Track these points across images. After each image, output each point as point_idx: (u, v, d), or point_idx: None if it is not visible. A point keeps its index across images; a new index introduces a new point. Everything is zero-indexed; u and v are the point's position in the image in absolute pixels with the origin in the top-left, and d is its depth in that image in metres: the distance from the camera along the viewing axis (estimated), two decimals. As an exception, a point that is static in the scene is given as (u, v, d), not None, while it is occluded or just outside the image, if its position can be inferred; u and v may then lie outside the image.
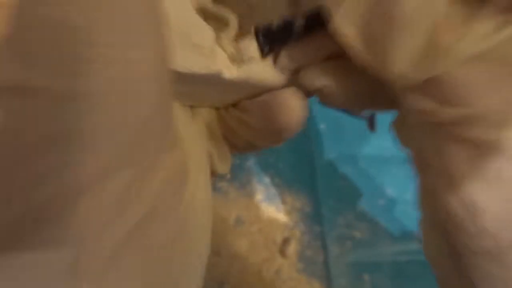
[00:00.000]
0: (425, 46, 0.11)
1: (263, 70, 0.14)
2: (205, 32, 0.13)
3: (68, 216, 0.10)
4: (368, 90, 0.15)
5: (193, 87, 0.13)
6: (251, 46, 0.14)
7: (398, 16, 0.11)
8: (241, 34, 0.14)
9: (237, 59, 0.14)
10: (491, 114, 0.11)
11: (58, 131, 0.09)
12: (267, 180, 0.44)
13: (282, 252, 0.40)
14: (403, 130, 0.14)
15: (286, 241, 0.40)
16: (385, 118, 0.54)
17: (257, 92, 0.15)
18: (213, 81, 0.13)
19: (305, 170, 0.44)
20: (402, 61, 0.12)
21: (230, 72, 0.13)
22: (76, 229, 0.10)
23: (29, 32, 0.09)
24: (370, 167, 0.45)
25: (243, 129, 0.15)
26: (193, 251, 0.15)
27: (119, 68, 0.09)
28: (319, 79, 0.14)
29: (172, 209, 0.12)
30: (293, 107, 0.14)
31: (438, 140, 0.12)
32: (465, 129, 0.11)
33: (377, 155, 0.46)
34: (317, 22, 0.13)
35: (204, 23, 0.13)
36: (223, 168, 0.16)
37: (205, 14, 0.13)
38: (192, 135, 0.14)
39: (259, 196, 0.43)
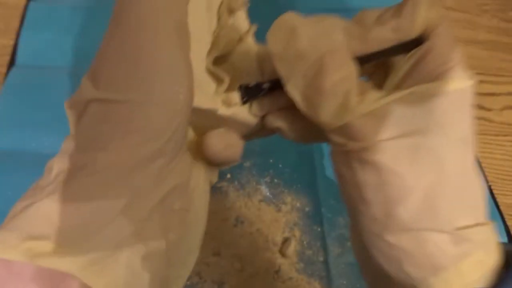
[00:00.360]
0: (340, 106, 0.18)
1: (242, 112, 0.21)
2: (210, 84, 0.21)
3: (125, 181, 0.15)
4: (308, 130, 0.21)
5: (198, 117, 0.20)
6: (236, 96, 0.21)
7: (324, 88, 0.18)
8: (230, 88, 0.21)
9: (227, 103, 0.21)
10: (375, 144, 0.18)
11: (113, 126, 0.16)
12: (267, 180, 0.44)
13: (282, 252, 0.40)
14: (332, 157, 0.21)
15: (286, 241, 0.40)
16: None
17: (237, 126, 0.22)
18: (211, 114, 0.20)
19: (305, 170, 0.44)
20: (326, 114, 0.18)
21: (222, 110, 0.21)
22: (129, 190, 0.15)
23: (98, 66, 0.17)
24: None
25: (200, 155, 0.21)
26: (196, 227, 0.21)
27: (169, 103, 0.16)
28: (276, 122, 0.21)
29: (184, 190, 0.18)
30: (233, 144, 0.20)
31: (348, 161, 0.19)
32: (361, 153, 0.18)
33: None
34: (277, 85, 0.20)
35: (209, 78, 0.21)
36: (213, 177, 0.22)
37: (210, 73, 0.21)
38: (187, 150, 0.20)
39: (259, 196, 0.43)
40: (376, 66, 0.21)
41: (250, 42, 0.23)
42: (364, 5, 0.60)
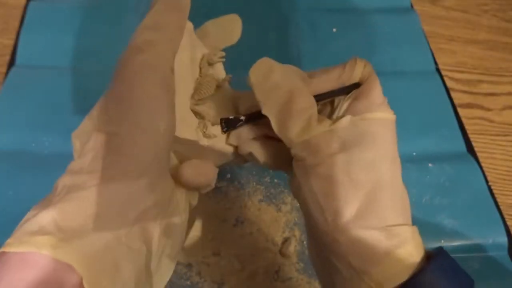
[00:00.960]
0: (304, 126, 0.24)
1: (219, 143, 0.26)
2: (193, 120, 0.25)
3: (114, 195, 0.20)
4: (275, 157, 0.27)
5: (181, 146, 0.24)
6: (214, 129, 0.26)
7: (293, 112, 0.24)
8: (209, 123, 0.26)
9: (207, 135, 0.25)
10: (325, 159, 0.23)
11: (109, 150, 0.20)
12: (267, 180, 0.44)
13: (282, 252, 0.40)
14: (293, 181, 0.26)
15: (286, 241, 0.40)
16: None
17: (214, 155, 0.26)
18: (193, 145, 0.24)
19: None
20: (293, 132, 0.24)
21: (202, 141, 0.25)
22: (115, 202, 0.20)
23: (107, 105, 0.21)
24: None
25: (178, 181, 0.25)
26: (175, 239, 0.23)
27: (152, 132, 0.20)
28: (249, 148, 0.26)
29: (165, 206, 0.22)
30: (205, 172, 0.25)
31: (306, 174, 0.24)
32: (315, 167, 0.23)
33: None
34: (251, 118, 0.26)
35: (192, 116, 0.25)
36: (193, 199, 0.26)
37: (193, 111, 0.25)
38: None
39: (259, 196, 0.43)
40: (325, 104, 0.27)
41: (226, 88, 0.28)
42: (364, 5, 0.60)
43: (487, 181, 0.45)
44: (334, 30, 0.56)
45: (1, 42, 0.52)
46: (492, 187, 0.45)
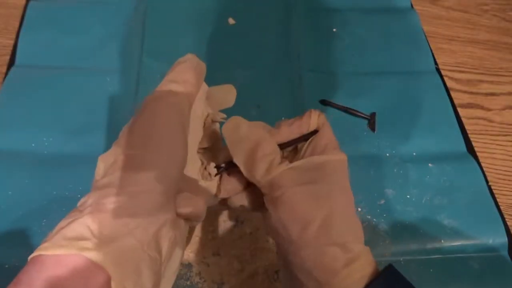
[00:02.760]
0: (267, 169, 0.28)
1: (213, 189, 0.31)
2: (198, 162, 0.30)
3: (137, 209, 0.23)
4: (257, 200, 0.31)
5: (186, 182, 0.28)
6: (209, 173, 0.30)
7: (257, 158, 0.28)
8: (208, 167, 0.31)
9: (205, 177, 0.30)
10: (289, 191, 0.27)
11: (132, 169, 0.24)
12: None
13: (282, 252, 0.40)
14: (265, 216, 0.30)
15: (286, 241, 0.41)
16: (385, 119, 0.54)
17: (208, 195, 0.30)
18: (194, 183, 0.29)
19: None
20: (258, 174, 0.28)
21: (201, 182, 0.30)
22: (139, 213, 0.23)
23: (132, 134, 0.25)
24: (370, 167, 0.45)
25: None
26: (176, 255, 0.26)
27: (172, 159, 0.25)
28: (239, 202, 0.32)
29: (175, 225, 0.25)
30: (198, 204, 0.27)
31: (274, 204, 0.28)
32: (280, 198, 0.27)
33: (377, 155, 0.46)
34: (230, 165, 0.31)
35: (198, 158, 0.30)
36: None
37: (199, 154, 0.31)
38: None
39: (259, 196, 0.43)
40: (291, 150, 0.32)
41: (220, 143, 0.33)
42: (364, 5, 0.60)
43: (487, 181, 0.45)
44: (334, 30, 0.56)
45: (1, 42, 0.52)
46: (492, 187, 0.45)
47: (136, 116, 0.26)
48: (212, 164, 0.30)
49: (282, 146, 0.30)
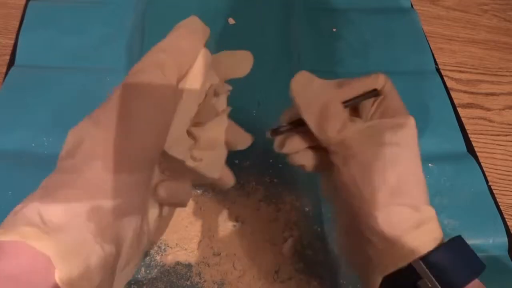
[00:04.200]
0: (340, 127, 0.28)
1: (203, 168, 0.28)
2: (186, 141, 0.26)
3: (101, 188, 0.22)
4: (317, 162, 0.31)
5: (168, 162, 0.26)
6: (203, 153, 0.28)
7: (331, 116, 0.28)
8: (200, 145, 0.28)
9: (194, 157, 0.27)
10: (361, 152, 0.27)
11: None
12: (267, 180, 0.44)
13: (282, 252, 0.40)
14: (327, 176, 0.31)
15: (286, 241, 0.40)
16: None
17: (195, 176, 0.28)
18: (180, 163, 0.26)
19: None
20: (331, 132, 0.28)
21: (189, 162, 0.27)
22: (100, 196, 0.21)
23: (105, 114, 0.23)
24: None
25: None
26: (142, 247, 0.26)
27: (139, 146, 0.22)
28: (300, 160, 0.31)
29: (142, 215, 0.25)
30: (181, 193, 0.28)
31: (346, 164, 0.27)
32: (353, 157, 0.27)
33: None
34: (294, 125, 0.30)
35: (188, 138, 0.27)
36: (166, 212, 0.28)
37: (189, 134, 0.27)
38: None
39: (259, 196, 0.43)
40: (354, 109, 0.31)
41: (224, 119, 0.30)
42: (364, 5, 0.60)
43: (487, 181, 0.45)
44: (334, 30, 0.56)
45: (1, 42, 0.52)
46: (492, 187, 0.45)
47: (113, 93, 0.23)
48: (206, 145, 0.28)
49: (345, 103, 0.29)
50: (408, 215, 0.26)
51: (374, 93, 0.30)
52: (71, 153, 0.23)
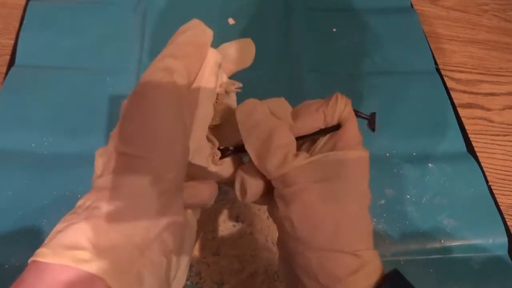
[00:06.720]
0: (281, 161, 0.26)
1: (224, 171, 0.28)
2: (206, 148, 0.27)
3: (135, 212, 0.22)
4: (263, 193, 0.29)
5: (194, 170, 0.26)
6: (217, 155, 0.28)
7: (272, 149, 0.26)
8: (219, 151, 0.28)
9: (215, 162, 0.27)
10: (302, 188, 0.25)
11: (128, 170, 0.22)
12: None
13: (282, 252, 0.40)
14: (272, 209, 0.29)
15: (286, 241, 0.40)
16: (385, 119, 0.54)
17: (218, 177, 0.29)
18: (203, 169, 0.27)
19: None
20: (272, 166, 0.26)
21: (211, 168, 0.27)
22: (136, 219, 0.21)
23: (125, 128, 0.23)
24: (370, 167, 0.45)
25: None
26: (184, 256, 0.26)
27: (169, 157, 0.22)
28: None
29: (180, 225, 0.24)
30: (204, 193, 0.28)
31: (284, 200, 0.26)
32: (293, 194, 0.26)
33: (377, 155, 0.46)
34: (238, 151, 0.28)
35: (207, 144, 0.27)
36: (197, 214, 0.29)
37: (208, 139, 0.27)
38: None
39: (259, 196, 0.43)
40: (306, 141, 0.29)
41: (235, 118, 0.30)
42: (364, 5, 0.60)
43: (487, 181, 0.45)
44: (334, 30, 0.56)
45: (1, 42, 0.52)
46: (492, 187, 0.45)
47: (128, 103, 0.23)
48: (217, 148, 0.28)
49: (299, 138, 0.27)
50: (344, 261, 0.24)
51: (335, 127, 0.28)
52: (103, 171, 0.23)
